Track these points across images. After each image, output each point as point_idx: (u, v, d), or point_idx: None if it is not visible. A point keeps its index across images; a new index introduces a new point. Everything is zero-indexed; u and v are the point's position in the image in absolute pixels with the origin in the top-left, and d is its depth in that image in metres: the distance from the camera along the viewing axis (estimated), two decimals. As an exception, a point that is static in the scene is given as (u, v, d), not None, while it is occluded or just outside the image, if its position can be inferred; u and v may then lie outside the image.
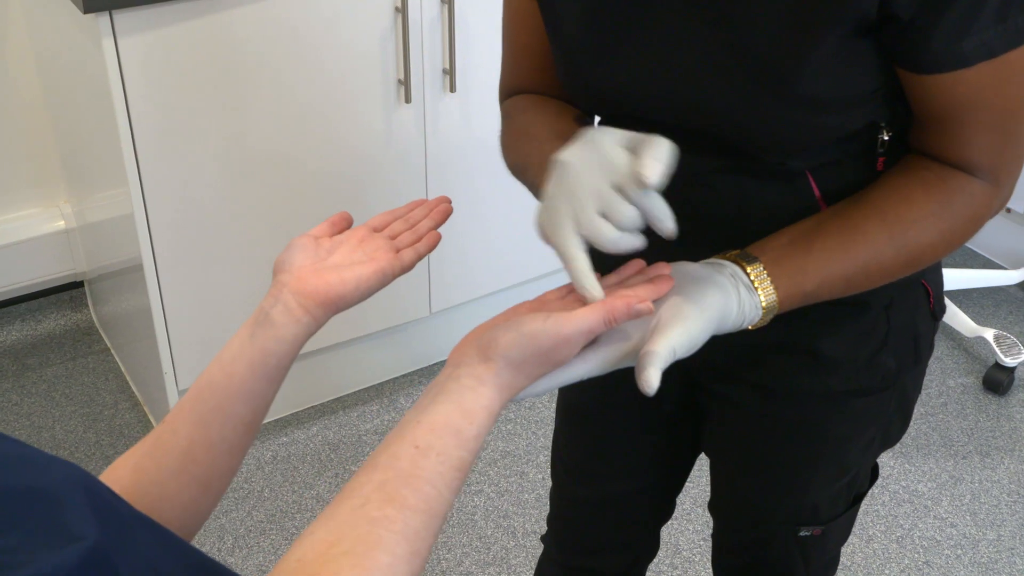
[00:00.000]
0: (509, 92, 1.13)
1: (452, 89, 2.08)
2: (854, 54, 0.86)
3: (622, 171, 0.80)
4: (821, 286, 0.90)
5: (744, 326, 0.88)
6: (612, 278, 0.87)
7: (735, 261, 0.89)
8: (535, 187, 0.96)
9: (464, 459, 0.72)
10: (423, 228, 0.97)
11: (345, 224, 0.97)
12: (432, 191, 2.17)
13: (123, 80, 1.77)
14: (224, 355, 0.87)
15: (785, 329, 0.96)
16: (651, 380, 0.77)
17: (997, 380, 2.47)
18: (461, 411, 0.74)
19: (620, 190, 0.80)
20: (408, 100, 2.04)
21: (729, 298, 0.85)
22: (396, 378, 2.48)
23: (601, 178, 0.81)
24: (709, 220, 1.00)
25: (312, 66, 1.94)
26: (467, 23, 2.04)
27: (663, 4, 0.90)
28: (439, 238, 0.97)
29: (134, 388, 2.43)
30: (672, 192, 0.81)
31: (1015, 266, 2.69)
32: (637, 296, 0.80)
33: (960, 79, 0.85)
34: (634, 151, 0.81)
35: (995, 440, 2.37)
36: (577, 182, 0.82)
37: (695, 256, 0.91)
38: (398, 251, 0.93)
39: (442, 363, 2.22)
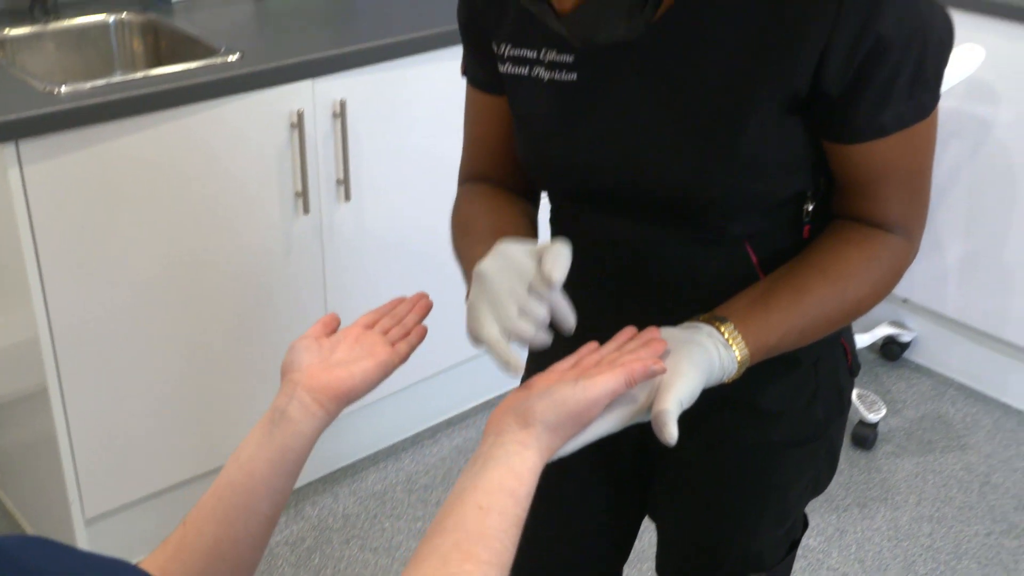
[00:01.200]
0: (467, 177, 1.27)
1: (347, 198, 2.16)
2: (786, 127, 1.01)
3: (532, 275, 0.96)
4: (782, 339, 1.03)
5: (724, 379, 1.00)
6: (610, 346, 0.97)
7: (709, 322, 1.01)
8: (466, 281, 1.10)
9: (519, 515, 0.80)
10: (410, 322, 1.04)
11: (335, 324, 1.04)
12: (331, 296, 2.23)
13: (28, 207, 1.78)
14: (241, 455, 0.92)
15: (729, 386, 1.08)
16: (673, 434, 0.90)
17: (864, 436, 2.67)
18: (512, 474, 0.82)
19: (532, 291, 0.96)
20: (307, 211, 2.11)
21: (711, 354, 0.97)
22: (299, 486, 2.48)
23: (517, 283, 0.97)
24: (661, 286, 1.12)
25: (214, 183, 1.98)
26: (359, 134, 2.14)
27: (618, 85, 1.04)
28: (426, 330, 1.04)
29: (25, 525, 2.35)
30: (627, 261, 0.99)
31: (865, 330, 2.93)
32: (650, 359, 0.90)
33: (878, 147, 1.01)
34: (539, 257, 0.97)
35: (870, 491, 2.55)
36: (497, 289, 0.97)
37: (650, 318, 1.03)
38: (393, 344, 1.01)
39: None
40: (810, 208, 1.09)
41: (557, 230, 1.21)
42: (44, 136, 1.75)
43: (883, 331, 2.95)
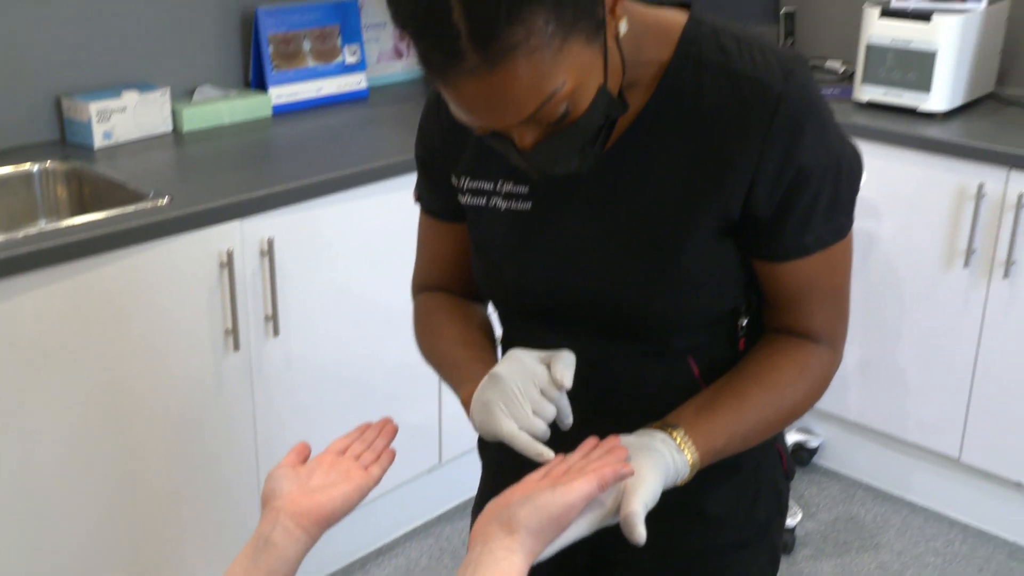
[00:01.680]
0: (420, 288, 1.37)
1: (276, 333, 2.20)
2: (721, 248, 1.12)
3: (543, 379, 1.08)
4: (727, 443, 1.12)
5: (678, 482, 1.08)
6: (576, 455, 1.05)
7: (662, 429, 1.10)
8: (451, 382, 1.21)
9: None
10: (380, 446, 1.10)
11: (307, 452, 1.10)
12: (261, 428, 2.25)
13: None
14: None
15: (676, 492, 1.15)
16: (642, 534, 0.98)
17: (784, 541, 2.76)
18: None
19: (543, 393, 1.07)
20: (237, 348, 2.14)
21: (667, 459, 1.06)
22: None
23: (530, 384, 1.08)
24: (611, 397, 1.21)
25: (144, 324, 2.01)
26: (286, 271, 2.19)
27: (569, 211, 1.15)
28: (395, 453, 1.10)
29: None
30: (579, 375, 1.08)
31: (773, 438, 3.06)
32: (617, 464, 0.97)
33: (802, 265, 1.13)
34: (547, 363, 1.09)
35: (793, 595, 2.63)
36: (512, 390, 1.07)
37: (602, 427, 1.12)
38: (366, 468, 1.06)
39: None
40: (744, 323, 1.19)
41: (509, 332, 1.30)
42: (-22, 285, 1.76)
43: (792, 438, 3.07)
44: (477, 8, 0.89)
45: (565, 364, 1.08)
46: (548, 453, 1.05)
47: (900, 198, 2.69)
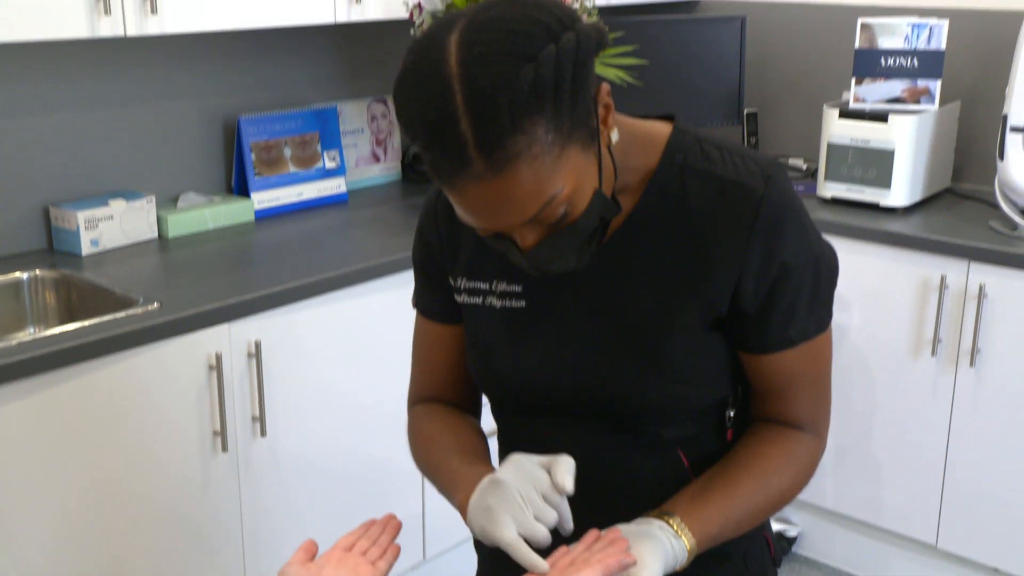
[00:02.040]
0: (416, 400, 1.40)
1: (263, 434, 2.23)
2: (709, 341, 1.19)
3: (545, 484, 1.11)
4: (722, 530, 1.17)
5: (676, 567, 1.12)
6: (579, 547, 1.08)
7: (659, 517, 1.14)
8: (446, 489, 1.23)
9: None
10: (384, 541, 1.14)
11: (314, 549, 1.13)
12: (248, 527, 2.25)
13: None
14: None
15: None
16: None
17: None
18: None
19: (544, 498, 1.10)
20: (224, 449, 2.16)
21: (666, 545, 1.11)
22: None
23: (531, 490, 1.10)
24: (605, 489, 1.24)
25: (133, 426, 2.04)
26: (272, 372, 2.23)
27: (561, 308, 1.21)
28: (399, 549, 1.14)
29: None
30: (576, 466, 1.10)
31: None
32: (620, 553, 1.01)
33: (787, 356, 1.20)
34: (548, 468, 1.12)
35: None
36: (513, 495, 1.10)
37: (597, 518, 1.15)
38: (373, 563, 1.09)
39: None
40: (731, 414, 1.25)
41: (506, 444, 1.34)
42: (-27, 392, 1.79)
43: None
44: (483, 119, 0.96)
45: (566, 469, 1.11)
46: (543, 566, 1.07)
47: (867, 290, 2.78)
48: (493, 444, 1.35)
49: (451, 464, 1.25)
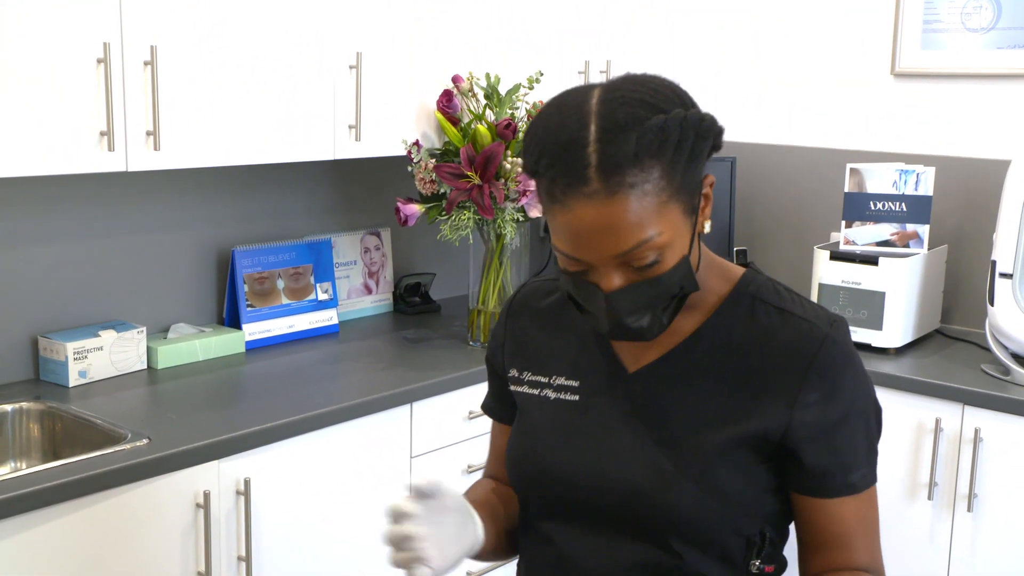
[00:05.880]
0: (486, 475, 1.52)
1: (248, 575, 2.16)
2: (753, 468, 1.20)
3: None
4: None
5: None
6: None
7: None
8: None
9: None
10: None
11: None
12: None
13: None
14: None
15: None
16: None
17: None
18: None
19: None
20: (208, 591, 2.09)
21: None
22: None
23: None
24: None
25: (115, 567, 1.96)
26: (260, 509, 2.17)
27: (611, 411, 1.25)
28: None
29: None
30: None
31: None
32: None
33: (849, 503, 1.21)
34: None
35: None
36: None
37: None
38: None
39: None
40: (757, 564, 1.23)
41: (527, 549, 1.34)
42: (-47, 532, 1.73)
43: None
44: (610, 148, 1.08)
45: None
46: None
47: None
48: None
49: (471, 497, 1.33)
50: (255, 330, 2.76)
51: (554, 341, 1.34)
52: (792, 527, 1.29)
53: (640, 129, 1.08)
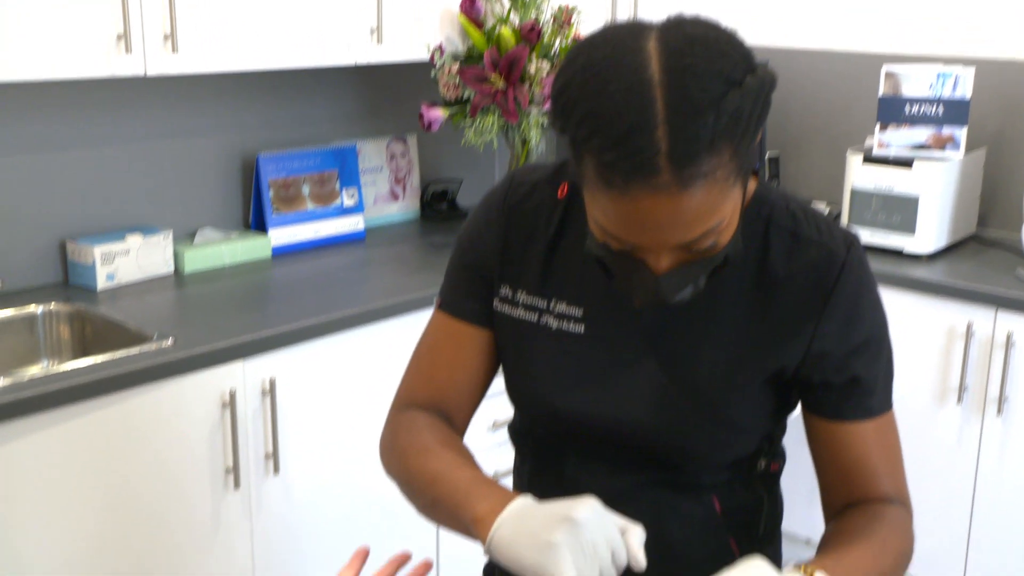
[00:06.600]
0: (406, 404, 1.29)
1: (276, 471, 2.19)
2: (765, 398, 1.16)
3: (617, 544, 1.01)
4: None
5: None
6: None
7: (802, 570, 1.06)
8: (452, 499, 1.12)
9: None
10: None
11: (364, 556, 1.17)
12: (259, 566, 2.21)
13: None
14: None
15: None
16: None
17: None
18: None
19: (613, 557, 1.01)
20: (237, 486, 2.13)
21: None
22: None
23: (603, 544, 1.00)
24: None
25: (145, 462, 2.00)
26: (286, 409, 2.20)
27: (621, 343, 1.16)
28: None
29: None
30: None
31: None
32: None
33: (868, 426, 1.17)
34: (623, 531, 1.02)
35: None
36: (588, 543, 1.00)
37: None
38: None
39: None
40: (762, 464, 1.23)
41: (529, 467, 1.28)
42: (-17, 425, 1.76)
43: None
44: (683, 132, 0.93)
45: (640, 542, 1.02)
46: None
47: (892, 337, 2.73)
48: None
49: (462, 474, 1.13)
50: (281, 235, 2.77)
51: (550, 256, 1.20)
52: (807, 452, 1.24)
53: (716, 111, 0.93)
